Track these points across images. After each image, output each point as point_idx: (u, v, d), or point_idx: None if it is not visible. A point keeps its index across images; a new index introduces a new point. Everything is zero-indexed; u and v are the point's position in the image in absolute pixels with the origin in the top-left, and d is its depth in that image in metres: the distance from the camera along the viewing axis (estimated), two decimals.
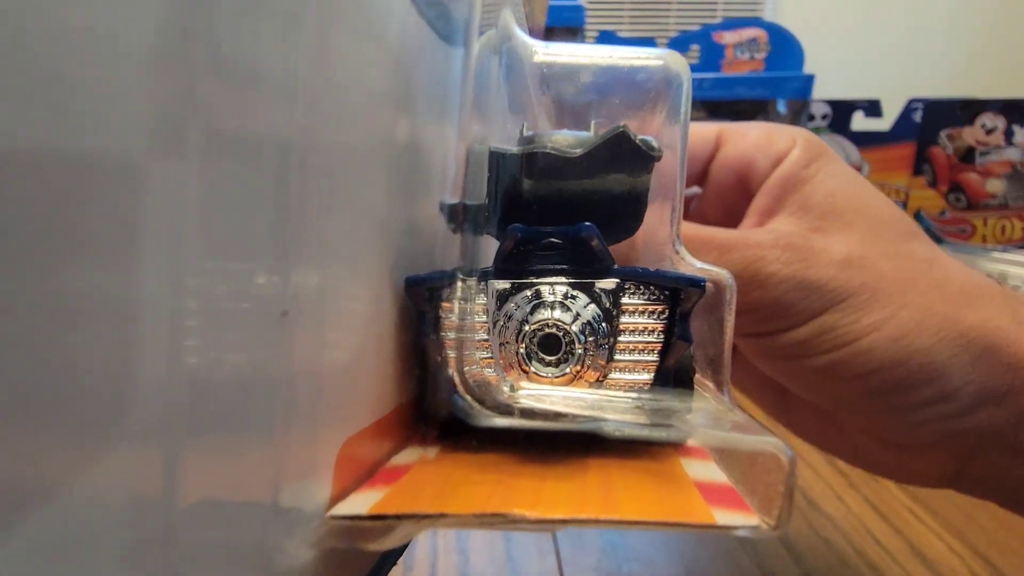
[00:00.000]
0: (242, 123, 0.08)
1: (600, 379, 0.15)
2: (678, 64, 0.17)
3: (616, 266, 0.15)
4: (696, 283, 0.14)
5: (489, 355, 0.15)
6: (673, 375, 0.15)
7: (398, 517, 0.10)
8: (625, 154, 0.15)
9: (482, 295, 0.15)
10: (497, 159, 0.15)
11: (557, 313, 0.14)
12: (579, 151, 0.15)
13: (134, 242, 0.07)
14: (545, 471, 0.13)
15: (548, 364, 0.14)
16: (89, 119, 0.06)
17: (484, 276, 0.15)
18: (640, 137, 0.15)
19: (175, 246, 0.07)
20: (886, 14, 2.16)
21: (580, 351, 0.14)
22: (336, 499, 0.11)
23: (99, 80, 0.06)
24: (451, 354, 0.14)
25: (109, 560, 0.07)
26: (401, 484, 0.12)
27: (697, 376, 0.16)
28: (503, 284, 0.15)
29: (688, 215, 0.28)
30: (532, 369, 0.14)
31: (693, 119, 0.19)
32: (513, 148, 0.15)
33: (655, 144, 0.15)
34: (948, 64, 2.14)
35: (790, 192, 0.23)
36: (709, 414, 0.14)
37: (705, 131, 0.27)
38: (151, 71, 0.07)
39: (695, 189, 0.29)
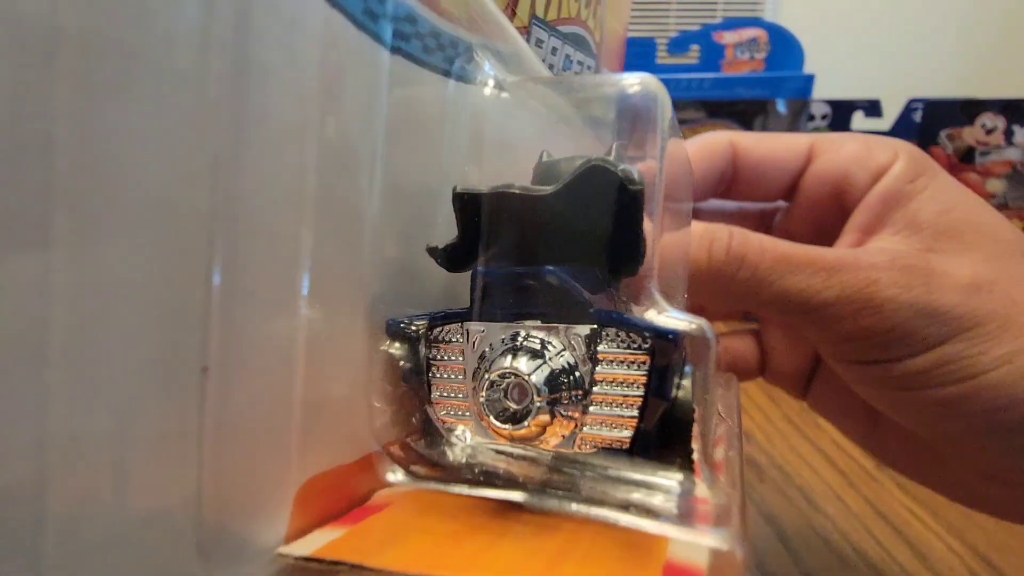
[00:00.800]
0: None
1: (572, 434, 0.13)
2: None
3: (595, 309, 0.13)
4: (664, 335, 0.13)
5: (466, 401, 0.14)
6: (660, 436, 0.13)
7: (330, 563, 0.10)
8: (604, 187, 0.13)
9: (459, 338, 0.14)
10: (467, 201, 0.14)
11: (519, 361, 0.13)
12: (549, 189, 0.13)
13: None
14: (511, 526, 0.12)
15: (506, 417, 0.13)
16: None
17: (462, 318, 0.14)
18: (621, 167, 0.13)
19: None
20: (886, 14, 2.16)
21: (539, 403, 0.13)
22: (293, 536, 0.11)
23: None
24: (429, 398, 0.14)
25: None
26: (361, 525, 0.12)
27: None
28: (478, 327, 0.14)
29: (771, 231, 0.26)
30: (490, 420, 0.13)
31: (692, 119, 0.19)
32: (482, 189, 0.14)
33: (636, 176, 0.13)
34: (948, 64, 2.14)
35: (894, 208, 0.22)
36: (673, 495, 0.12)
37: (795, 143, 0.25)
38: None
39: (779, 203, 0.28)
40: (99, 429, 0.09)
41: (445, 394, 0.15)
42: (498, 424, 0.13)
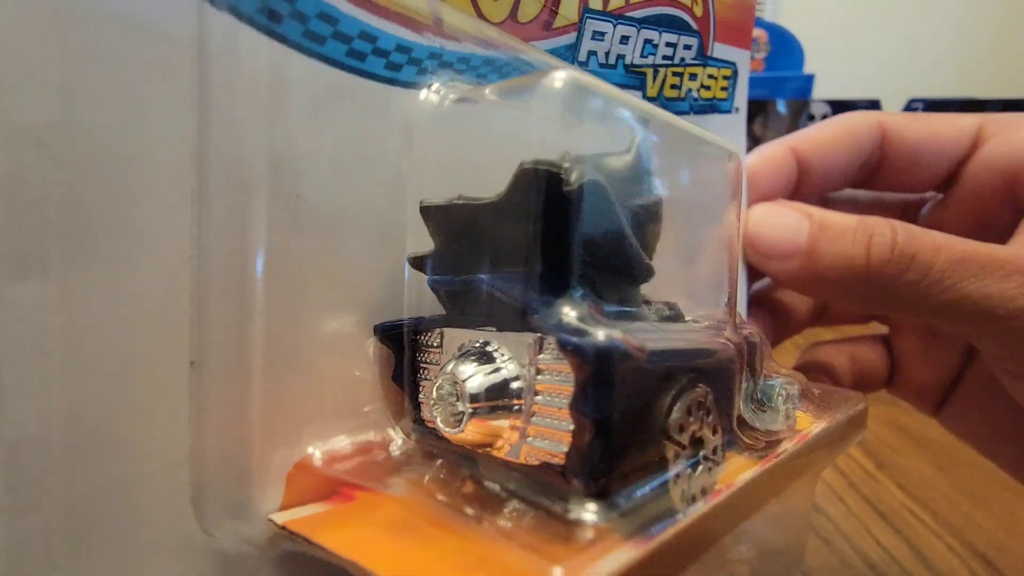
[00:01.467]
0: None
1: (517, 444, 0.12)
2: None
3: (536, 316, 0.12)
4: (565, 346, 0.11)
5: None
6: (599, 457, 0.11)
7: (291, 533, 0.12)
8: (536, 190, 0.12)
9: (438, 342, 0.14)
10: (430, 212, 0.14)
11: (461, 367, 0.13)
12: (492, 197, 0.13)
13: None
14: (467, 529, 0.11)
15: (447, 420, 0.13)
16: None
17: (443, 323, 0.14)
18: (544, 167, 0.12)
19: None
20: (886, 14, 2.15)
21: (470, 409, 0.12)
22: (286, 507, 0.13)
23: None
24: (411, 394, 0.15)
25: None
26: (342, 506, 0.13)
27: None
28: (451, 332, 0.14)
29: (918, 222, 0.23)
30: (436, 422, 0.13)
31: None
32: (440, 200, 0.14)
33: (571, 176, 0.12)
34: (948, 64, 2.14)
35: None
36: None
37: (959, 124, 0.22)
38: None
39: (928, 194, 0.25)
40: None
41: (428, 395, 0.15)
42: (442, 427, 0.13)
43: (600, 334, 0.11)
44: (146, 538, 0.12)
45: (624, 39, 0.20)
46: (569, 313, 0.12)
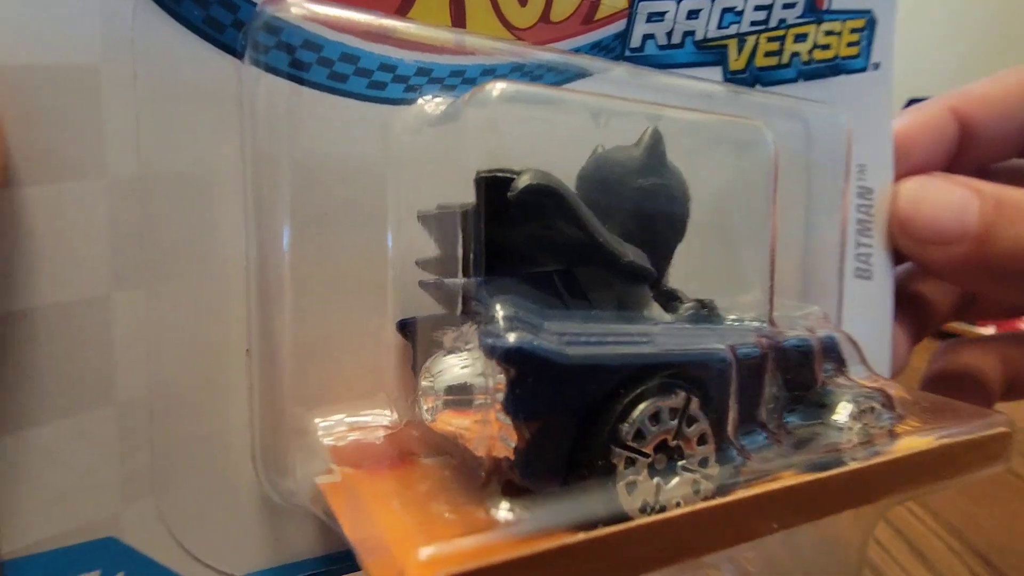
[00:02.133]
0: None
1: (483, 437, 0.12)
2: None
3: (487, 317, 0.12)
4: (482, 347, 0.11)
5: None
6: (524, 457, 0.11)
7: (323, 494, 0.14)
8: (486, 198, 0.13)
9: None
10: (425, 220, 0.15)
11: (437, 362, 0.13)
12: (461, 206, 0.13)
13: None
14: (423, 506, 0.12)
15: (426, 410, 0.13)
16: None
17: (435, 322, 0.15)
18: (488, 175, 0.13)
19: None
20: None
21: (435, 403, 0.12)
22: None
23: None
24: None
25: None
26: (364, 473, 0.14)
27: None
28: (452, 331, 0.14)
29: None
30: (420, 411, 0.13)
31: None
32: (432, 210, 0.15)
33: (518, 182, 0.12)
34: (947, 64, 2.14)
35: None
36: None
37: None
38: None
39: (1013, 162, 0.22)
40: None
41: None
42: (424, 416, 0.13)
43: (512, 337, 0.11)
44: (216, 480, 0.15)
45: (693, 13, 0.18)
46: (497, 316, 0.12)
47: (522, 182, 0.12)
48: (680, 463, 0.12)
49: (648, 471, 0.12)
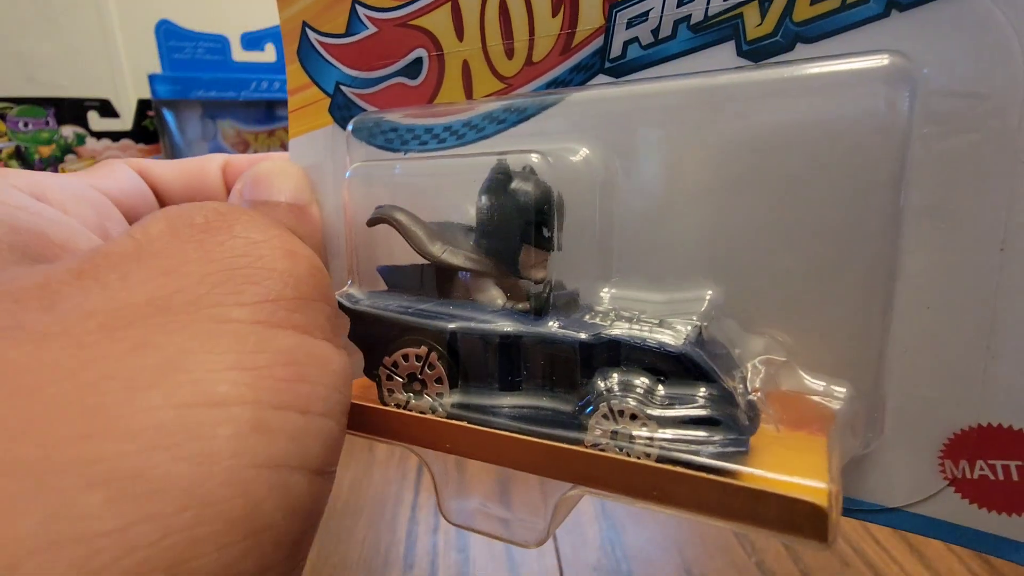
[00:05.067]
0: None
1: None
2: None
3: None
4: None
5: None
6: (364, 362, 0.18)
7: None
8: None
9: None
10: None
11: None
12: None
13: None
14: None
15: None
16: None
17: None
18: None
19: None
20: None
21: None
22: None
23: None
24: None
25: None
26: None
27: None
28: None
29: None
30: None
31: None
32: None
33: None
34: None
35: None
36: None
37: None
38: None
39: None
40: None
41: None
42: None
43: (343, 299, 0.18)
44: None
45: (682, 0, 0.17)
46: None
47: (373, 212, 0.18)
48: (424, 391, 0.17)
49: (403, 388, 0.18)
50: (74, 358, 0.09)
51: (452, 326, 0.17)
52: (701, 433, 0.14)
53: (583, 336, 0.15)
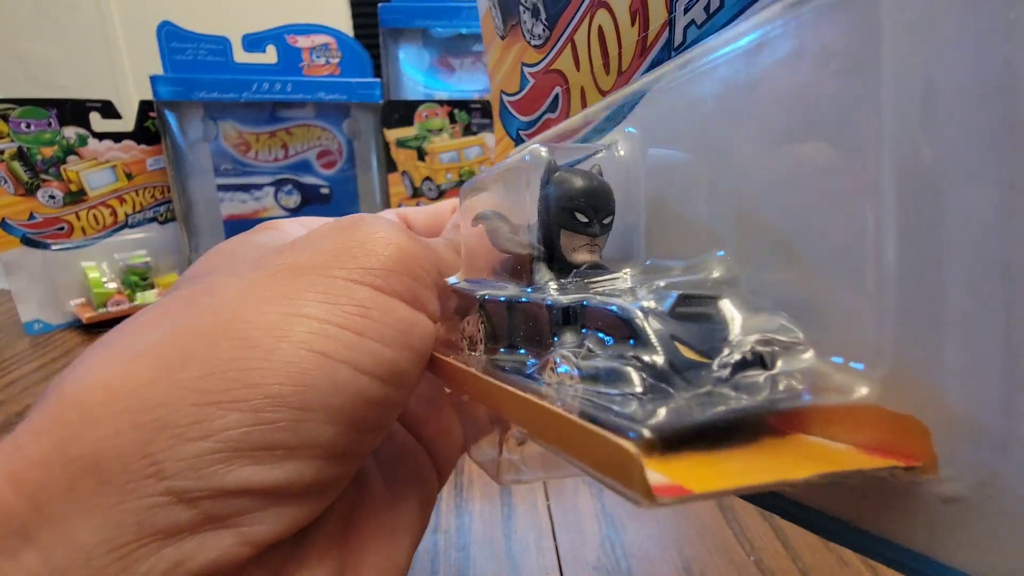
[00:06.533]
0: None
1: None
2: None
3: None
4: None
5: None
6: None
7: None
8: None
9: None
10: None
11: None
12: None
13: None
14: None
15: None
16: None
17: None
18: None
19: None
20: None
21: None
22: None
23: None
24: None
25: None
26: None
27: None
28: None
29: None
30: None
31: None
32: None
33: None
34: None
35: None
36: None
37: None
38: None
39: None
40: None
41: None
42: None
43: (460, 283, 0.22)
44: None
45: None
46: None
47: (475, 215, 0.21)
48: (472, 349, 0.20)
49: (467, 347, 0.20)
50: (252, 284, 0.17)
51: (481, 292, 0.20)
52: (612, 390, 0.13)
53: (549, 301, 0.17)
